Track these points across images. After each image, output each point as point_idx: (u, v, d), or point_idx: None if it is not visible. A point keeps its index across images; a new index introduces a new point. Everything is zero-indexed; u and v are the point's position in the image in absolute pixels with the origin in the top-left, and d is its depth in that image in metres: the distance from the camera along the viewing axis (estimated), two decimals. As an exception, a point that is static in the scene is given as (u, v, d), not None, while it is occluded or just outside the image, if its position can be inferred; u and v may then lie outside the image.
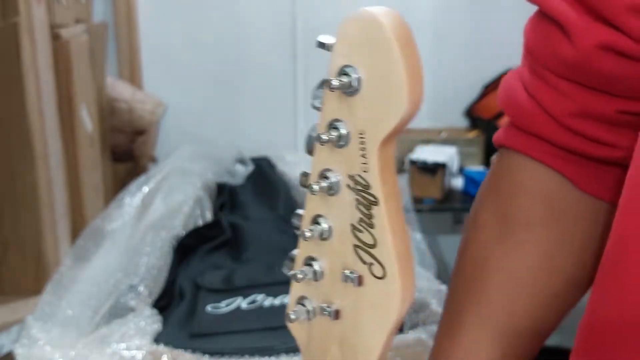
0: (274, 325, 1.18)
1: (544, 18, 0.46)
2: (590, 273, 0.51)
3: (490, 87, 2.29)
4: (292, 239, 0.37)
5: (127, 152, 1.93)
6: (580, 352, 0.45)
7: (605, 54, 0.43)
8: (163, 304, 1.28)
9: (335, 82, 0.33)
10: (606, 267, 0.42)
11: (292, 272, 0.38)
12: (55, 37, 1.45)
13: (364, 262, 0.35)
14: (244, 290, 1.29)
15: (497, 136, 0.51)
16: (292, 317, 0.38)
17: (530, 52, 0.48)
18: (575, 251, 0.51)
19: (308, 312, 0.38)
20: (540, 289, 0.52)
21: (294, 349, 1.11)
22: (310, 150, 0.36)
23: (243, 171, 1.84)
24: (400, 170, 2.14)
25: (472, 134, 2.27)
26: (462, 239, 0.54)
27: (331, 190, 0.36)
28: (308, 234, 0.36)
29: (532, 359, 0.55)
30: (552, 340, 0.59)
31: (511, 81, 0.50)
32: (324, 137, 0.34)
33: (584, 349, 0.44)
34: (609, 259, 0.42)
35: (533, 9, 0.48)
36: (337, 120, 0.34)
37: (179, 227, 1.47)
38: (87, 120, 1.60)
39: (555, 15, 0.44)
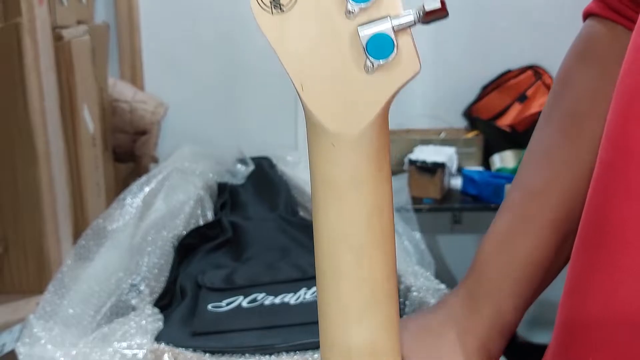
0: (274, 324, 1.19)
1: None
2: None
3: (489, 88, 2.29)
4: (292, 239, 0.37)
5: (129, 152, 1.94)
6: (557, 351, 0.45)
7: None
8: (164, 303, 1.29)
9: None
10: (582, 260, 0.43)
11: None
12: (57, 38, 1.45)
13: None
14: (245, 289, 1.29)
15: (586, 8, 0.62)
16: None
17: None
18: None
19: None
20: None
21: (295, 348, 1.11)
22: None
23: (244, 171, 1.84)
24: (399, 170, 2.15)
25: (471, 135, 2.28)
26: (551, 96, 0.62)
27: None
28: None
29: None
30: (542, 338, 0.60)
31: None
32: None
33: (561, 346, 0.45)
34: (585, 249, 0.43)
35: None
36: None
37: (180, 227, 1.47)
38: (88, 120, 1.60)
39: None
